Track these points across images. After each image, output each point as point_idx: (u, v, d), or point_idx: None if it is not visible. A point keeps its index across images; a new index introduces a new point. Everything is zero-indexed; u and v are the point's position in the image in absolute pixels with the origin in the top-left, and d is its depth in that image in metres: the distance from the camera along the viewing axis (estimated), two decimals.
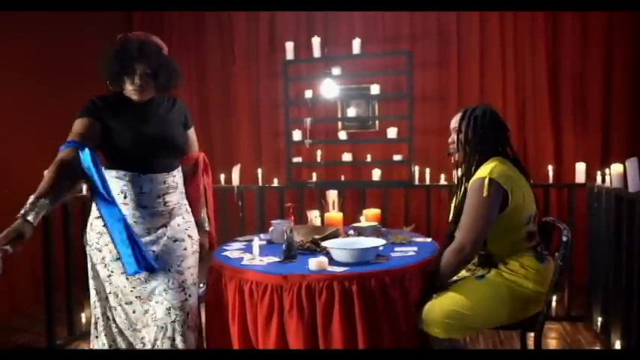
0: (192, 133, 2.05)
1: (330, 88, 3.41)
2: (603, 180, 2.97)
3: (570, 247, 1.92)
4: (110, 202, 1.71)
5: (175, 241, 1.86)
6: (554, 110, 3.99)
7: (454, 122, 1.97)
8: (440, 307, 1.79)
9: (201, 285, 2.02)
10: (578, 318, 3.18)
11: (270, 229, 2.34)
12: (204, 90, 4.69)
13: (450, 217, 1.94)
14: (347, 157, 3.78)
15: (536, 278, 1.85)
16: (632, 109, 3.82)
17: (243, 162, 3.93)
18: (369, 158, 3.76)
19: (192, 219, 1.98)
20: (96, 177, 1.68)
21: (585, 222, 3.17)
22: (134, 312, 1.86)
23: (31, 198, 1.51)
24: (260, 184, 3.66)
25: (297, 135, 3.79)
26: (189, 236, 1.92)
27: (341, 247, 1.84)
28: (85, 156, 1.67)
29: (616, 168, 2.75)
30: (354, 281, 1.70)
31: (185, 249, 1.88)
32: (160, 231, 1.84)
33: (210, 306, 1.97)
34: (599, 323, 2.96)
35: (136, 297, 1.84)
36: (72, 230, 3.08)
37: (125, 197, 1.80)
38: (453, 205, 1.96)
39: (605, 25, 3.82)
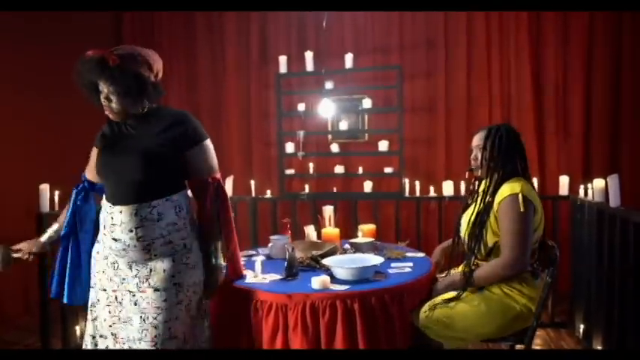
0: (198, 151, 1.78)
1: (327, 107, 3.50)
2: (586, 193, 3.10)
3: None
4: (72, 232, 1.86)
5: (156, 290, 1.69)
6: (537, 122, 4.12)
7: (478, 140, 2.07)
8: (435, 310, 1.92)
9: None
10: (562, 324, 3.32)
11: (270, 244, 2.40)
12: (194, 96, 4.71)
13: (464, 230, 2.04)
14: (339, 169, 3.85)
15: (530, 294, 1.96)
16: (611, 123, 3.96)
17: (234, 172, 3.97)
18: (360, 170, 3.84)
19: (191, 259, 1.75)
20: (70, 211, 1.88)
21: (568, 233, 3.31)
22: (107, 348, 1.79)
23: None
24: (253, 195, 3.71)
25: (289, 147, 3.85)
26: (175, 284, 1.70)
27: (343, 266, 1.92)
28: (77, 194, 1.91)
29: (598, 183, 2.88)
30: (355, 299, 1.77)
31: (165, 300, 1.68)
32: (142, 273, 1.71)
33: (216, 322, 2.00)
34: (581, 330, 3.10)
35: (112, 334, 1.75)
36: None
37: (104, 227, 1.74)
38: (467, 217, 2.04)
39: (585, 40, 3.95)
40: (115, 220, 1.68)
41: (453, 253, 2.17)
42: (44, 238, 1.93)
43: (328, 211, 2.61)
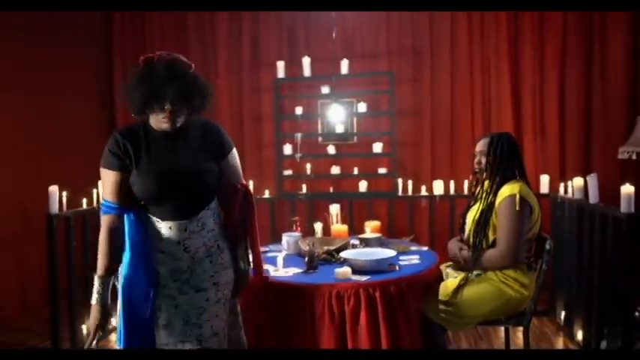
0: (230, 159, 1.79)
1: (336, 111, 3.68)
2: (565, 191, 3.37)
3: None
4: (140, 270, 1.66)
5: (198, 291, 1.71)
6: (516, 123, 4.37)
7: (481, 146, 2.31)
8: (440, 292, 2.14)
9: None
10: (544, 313, 3.58)
11: (284, 240, 2.55)
12: None
13: (469, 227, 2.26)
14: (335, 170, 4.02)
15: (523, 282, 2.19)
16: (584, 124, 4.25)
17: None
18: (355, 171, 4.02)
19: (224, 259, 1.78)
20: (131, 247, 1.66)
21: (549, 228, 3.57)
22: None
23: (97, 280, 1.66)
24: None
25: (286, 149, 4.00)
26: (214, 284, 1.74)
27: (363, 258, 2.09)
28: (129, 225, 1.67)
29: (577, 181, 3.15)
30: (376, 288, 1.96)
31: (207, 299, 1.72)
32: (183, 277, 1.71)
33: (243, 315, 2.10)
34: (562, 317, 3.37)
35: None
36: (73, 244, 3.15)
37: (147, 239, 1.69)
38: (472, 214, 2.27)
39: (559, 49, 4.25)
40: (163, 235, 1.67)
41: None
42: (94, 300, 1.67)
43: (335, 209, 2.78)
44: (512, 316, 2.24)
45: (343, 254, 2.23)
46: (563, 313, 3.37)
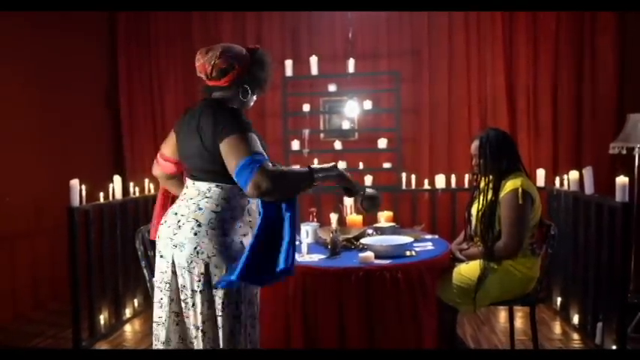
0: None
1: (351, 109, 3.93)
2: (561, 184, 3.57)
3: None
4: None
5: None
6: (511, 120, 4.57)
7: (473, 149, 2.48)
8: (453, 277, 2.31)
9: None
10: (540, 300, 3.76)
11: (303, 230, 2.69)
12: (191, 97, 4.87)
13: (475, 220, 2.43)
14: (341, 165, 4.17)
15: (529, 265, 2.37)
16: (575, 124, 4.47)
17: None
18: (361, 166, 4.18)
19: None
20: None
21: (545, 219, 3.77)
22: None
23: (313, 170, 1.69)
24: None
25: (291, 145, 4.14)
26: None
27: (385, 244, 2.25)
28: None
29: (573, 174, 3.34)
30: (399, 270, 2.12)
31: None
32: None
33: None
34: (558, 303, 3.56)
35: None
36: (92, 237, 3.24)
37: (250, 214, 1.74)
38: (476, 209, 2.43)
39: (552, 49, 4.45)
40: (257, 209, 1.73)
41: (466, 241, 2.56)
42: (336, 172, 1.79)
43: (349, 200, 2.92)
44: (520, 297, 2.42)
45: (362, 241, 2.38)
46: (559, 300, 3.56)
